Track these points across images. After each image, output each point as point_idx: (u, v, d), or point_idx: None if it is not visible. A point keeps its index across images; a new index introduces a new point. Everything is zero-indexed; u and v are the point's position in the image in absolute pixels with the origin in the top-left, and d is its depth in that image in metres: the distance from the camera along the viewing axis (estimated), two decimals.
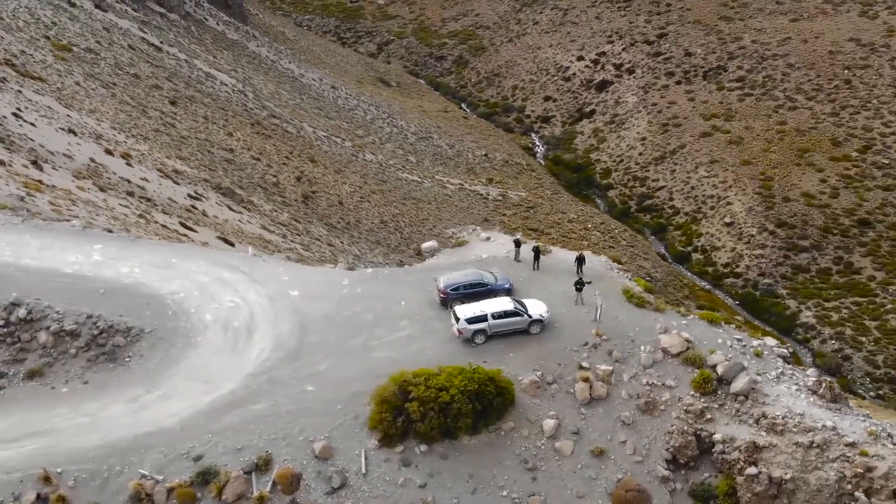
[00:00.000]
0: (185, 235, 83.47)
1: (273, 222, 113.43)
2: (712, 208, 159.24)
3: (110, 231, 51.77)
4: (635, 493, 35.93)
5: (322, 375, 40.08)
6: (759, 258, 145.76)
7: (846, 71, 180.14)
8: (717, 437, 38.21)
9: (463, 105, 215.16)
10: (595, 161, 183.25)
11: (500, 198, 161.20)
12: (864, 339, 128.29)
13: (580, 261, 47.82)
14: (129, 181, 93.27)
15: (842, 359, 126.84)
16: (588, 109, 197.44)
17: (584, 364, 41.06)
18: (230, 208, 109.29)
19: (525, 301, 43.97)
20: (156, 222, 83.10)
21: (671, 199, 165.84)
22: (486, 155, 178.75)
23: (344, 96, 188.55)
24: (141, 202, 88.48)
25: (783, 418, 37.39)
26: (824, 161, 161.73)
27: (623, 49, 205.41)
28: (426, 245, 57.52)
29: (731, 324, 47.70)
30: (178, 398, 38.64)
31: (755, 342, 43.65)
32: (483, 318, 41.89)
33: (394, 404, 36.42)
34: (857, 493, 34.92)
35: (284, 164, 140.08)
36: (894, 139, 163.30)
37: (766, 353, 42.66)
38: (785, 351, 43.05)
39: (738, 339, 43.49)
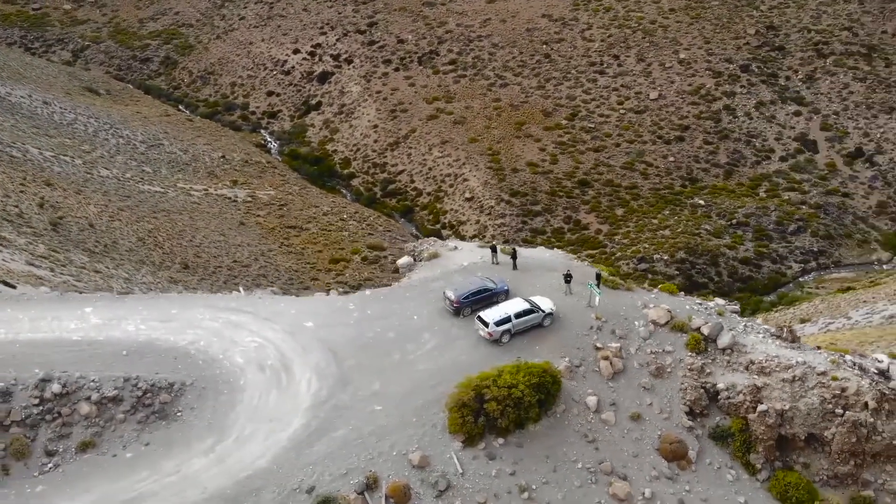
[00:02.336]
0: None
1: (34, 256, 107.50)
2: (451, 186, 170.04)
3: (80, 293, 49.70)
4: (677, 444, 43.53)
5: (380, 395, 43.25)
6: (502, 226, 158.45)
7: (544, 46, 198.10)
8: (721, 386, 45.94)
9: (181, 107, 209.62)
10: (332, 152, 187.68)
11: (249, 199, 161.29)
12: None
13: (595, 277, 52.50)
14: None
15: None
16: (314, 101, 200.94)
17: (598, 345, 47.46)
18: None
19: (533, 299, 49.26)
20: None
21: (413, 182, 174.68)
22: (223, 157, 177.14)
23: (59, 111, 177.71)
24: None
25: (766, 362, 45.67)
26: (540, 131, 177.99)
27: (337, 40, 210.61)
28: (401, 261, 60.15)
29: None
30: (254, 440, 40.29)
31: (710, 304, 51.85)
32: (508, 320, 46.99)
33: (472, 407, 40.84)
34: (837, 410, 43.69)
35: (21, 191, 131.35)
36: (595, 105, 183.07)
37: (725, 312, 50.76)
38: (736, 307, 51.83)
39: (700, 304, 51.51)
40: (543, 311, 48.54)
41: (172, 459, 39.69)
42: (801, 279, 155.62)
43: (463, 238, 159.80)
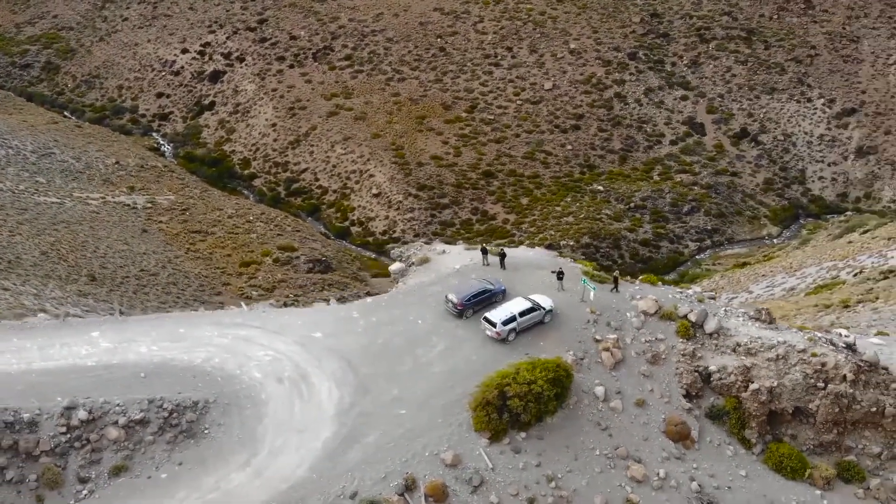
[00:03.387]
0: None
1: None
2: (357, 182, 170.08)
3: (80, 317, 49.05)
4: (681, 425, 46.58)
5: (402, 399, 44.82)
6: (411, 221, 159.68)
7: (439, 39, 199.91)
8: (713, 368, 49.11)
9: (67, 113, 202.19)
10: (230, 153, 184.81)
11: (149, 205, 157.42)
12: None
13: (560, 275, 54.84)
14: None
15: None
16: (207, 101, 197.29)
17: (597, 337, 49.96)
18: None
19: (533, 297, 51.30)
20: None
21: (317, 180, 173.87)
22: (117, 163, 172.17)
23: None
24: None
25: (751, 343, 49.13)
26: (441, 125, 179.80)
27: (227, 38, 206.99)
28: (393, 267, 60.77)
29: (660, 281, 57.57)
30: (287, 451, 41.30)
31: (689, 292, 55.13)
32: (513, 319, 49.05)
33: (496, 405, 42.87)
34: (818, 384, 47.37)
35: None
36: (493, 97, 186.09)
37: (704, 298, 53.88)
38: (713, 293, 54.22)
39: (680, 292, 54.69)
40: (544, 309, 50.74)
41: (210, 476, 40.38)
42: (697, 257, 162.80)
43: (373, 234, 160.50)
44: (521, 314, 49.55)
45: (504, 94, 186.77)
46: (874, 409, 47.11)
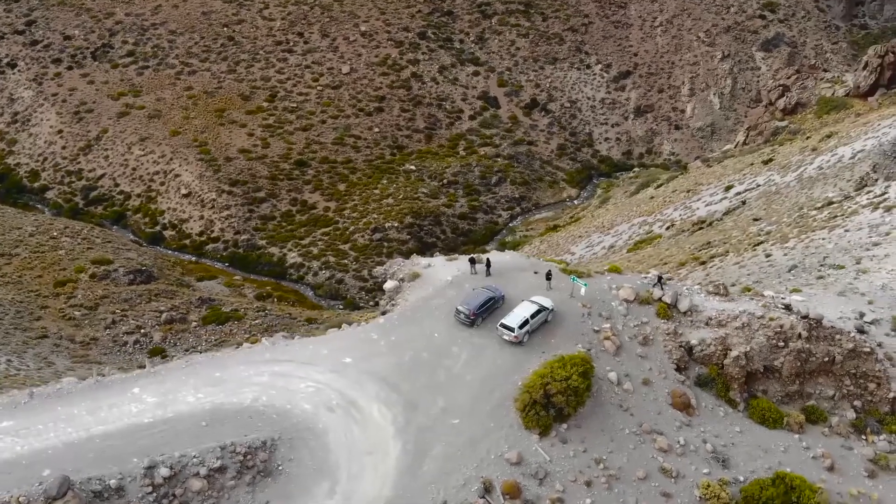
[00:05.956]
0: None
1: None
2: (163, 184, 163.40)
3: (103, 375, 46.06)
4: (683, 396, 52.33)
5: (450, 409, 47.66)
6: (229, 218, 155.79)
7: (225, 28, 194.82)
8: (693, 342, 55.02)
9: None
10: (15, 166, 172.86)
11: None
12: (345, 261, 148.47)
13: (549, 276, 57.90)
14: None
15: (336, 283, 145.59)
16: None
17: (595, 328, 54.42)
18: None
19: (535, 299, 54.73)
20: None
21: (117, 186, 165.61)
22: None
23: None
24: None
25: (719, 316, 55.38)
26: (243, 116, 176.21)
27: None
28: (388, 285, 61.29)
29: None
30: (365, 475, 43.30)
31: (649, 276, 60.03)
32: (527, 322, 52.74)
33: (542, 403, 47.03)
34: (780, 344, 54.48)
35: None
36: (292, 84, 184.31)
37: (666, 281, 59.15)
38: (668, 274, 57.90)
39: (645, 277, 59.97)
40: (548, 309, 54.54)
41: None
42: (511, 224, 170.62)
43: (189, 236, 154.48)
44: (532, 316, 53.19)
45: (303, 80, 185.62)
46: (826, 358, 54.69)
